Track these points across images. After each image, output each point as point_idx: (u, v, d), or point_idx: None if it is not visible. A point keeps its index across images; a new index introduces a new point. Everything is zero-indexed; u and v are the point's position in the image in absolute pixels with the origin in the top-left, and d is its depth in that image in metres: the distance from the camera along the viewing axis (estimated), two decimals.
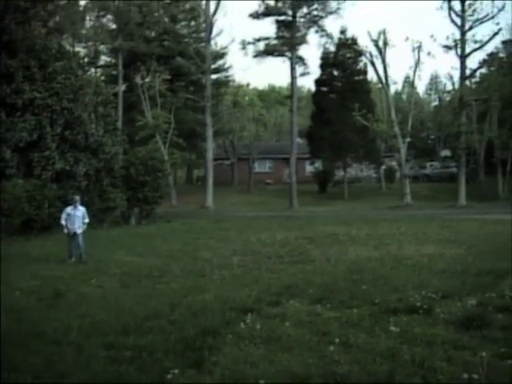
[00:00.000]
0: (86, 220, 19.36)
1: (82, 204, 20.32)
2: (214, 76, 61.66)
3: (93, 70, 59.77)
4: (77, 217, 19.04)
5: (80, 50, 52.49)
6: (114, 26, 55.82)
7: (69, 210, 19.30)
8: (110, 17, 56.13)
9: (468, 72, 47.89)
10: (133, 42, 53.11)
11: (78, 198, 19.94)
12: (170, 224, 31.09)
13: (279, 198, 51.95)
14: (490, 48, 52.41)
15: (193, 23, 64.86)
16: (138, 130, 48.83)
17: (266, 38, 52.05)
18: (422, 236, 21.58)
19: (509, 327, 8.61)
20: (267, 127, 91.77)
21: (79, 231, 18.82)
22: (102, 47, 60.49)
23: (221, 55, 64.46)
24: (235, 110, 69.33)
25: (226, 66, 68.24)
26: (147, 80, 50.62)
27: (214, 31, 51.04)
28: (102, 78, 56.88)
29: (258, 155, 69.70)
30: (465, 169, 47.24)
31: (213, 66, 58.51)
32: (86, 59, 48.26)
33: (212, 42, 53.35)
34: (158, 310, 10.29)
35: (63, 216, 19.17)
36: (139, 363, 7.39)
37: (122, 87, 54.92)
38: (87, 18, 55.58)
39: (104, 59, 64.05)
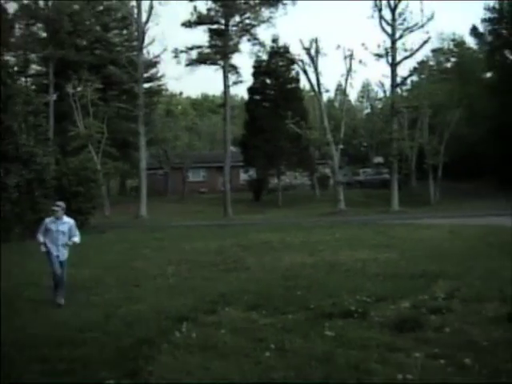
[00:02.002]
0: (76, 238, 13.25)
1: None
2: (146, 85, 61.12)
3: (23, 79, 58.58)
4: (60, 233, 12.97)
5: (9, 58, 51.48)
6: (44, 35, 54.92)
7: (48, 223, 13.01)
8: (40, 25, 55.22)
9: (399, 80, 48.64)
10: (64, 50, 52.37)
11: (61, 205, 13.31)
12: (103, 234, 30.71)
13: (214, 207, 51.85)
14: (420, 56, 53.58)
15: (125, 32, 64.33)
16: (70, 140, 48.09)
17: (199, 47, 51.85)
18: (356, 241, 21.78)
19: (441, 328, 8.77)
20: (201, 136, 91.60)
21: (63, 256, 13.03)
22: (33, 56, 59.45)
23: (153, 64, 63.94)
24: (168, 119, 69.11)
25: (159, 74, 67.83)
26: (79, 89, 49.85)
27: (146, 40, 50.63)
28: (33, 87, 55.85)
29: (191, 164, 69.51)
30: (397, 175, 47.91)
31: (145, 75, 57.98)
32: (15, 68, 47.36)
33: (144, 51, 52.83)
34: (93, 321, 10.17)
35: (40, 231, 13.04)
36: (74, 376, 7.28)
37: (53, 96, 54.08)
38: (16, 26, 54.66)
39: (34, 68, 62.82)
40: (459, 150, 60.86)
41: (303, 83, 62.85)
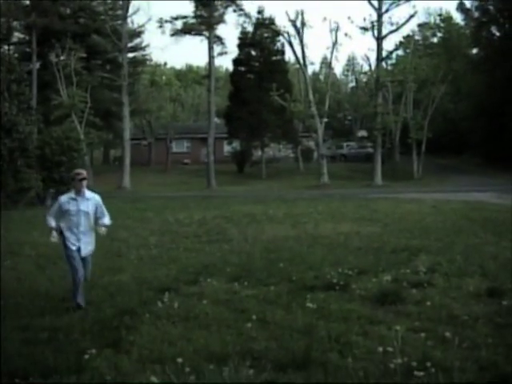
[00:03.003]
0: (107, 219, 9.83)
1: None
2: (130, 55, 60.80)
3: (6, 47, 58.00)
4: (82, 215, 9.46)
5: None
6: (27, 2, 54.26)
7: (64, 202, 9.43)
8: None
9: (384, 54, 48.65)
10: (47, 18, 51.74)
11: (83, 173, 9.60)
12: None
13: (197, 178, 51.81)
14: (406, 30, 53.62)
15: (109, 1, 63.68)
16: (54, 109, 47.65)
17: (184, 17, 51.53)
18: (339, 215, 21.83)
19: (422, 302, 8.82)
20: (185, 107, 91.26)
21: (87, 249, 9.56)
22: (15, 24, 58.74)
23: (138, 33, 63.60)
24: (152, 89, 68.70)
25: (143, 44, 67.41)
26: (62, 58, 49.32)
27: (131, 9, 50.43)
28: (16, 55, 55.22)
29: (175, 135, 69.29)
30: (381, 149, 48.06)
31: (129, 45, 57.68)
32: None
33: (129, 20, 52.68)
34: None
35: (51, 213, 9.53)
36: (55, 345, 7.26)
37: (36, 65, 53.56)
38: None
39: (17, 36, 62.11)
40: (443, 126, 61.12)
41: (288, 55, 62.87)
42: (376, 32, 46.72)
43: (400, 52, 58.55)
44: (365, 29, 47.12)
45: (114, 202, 31.60)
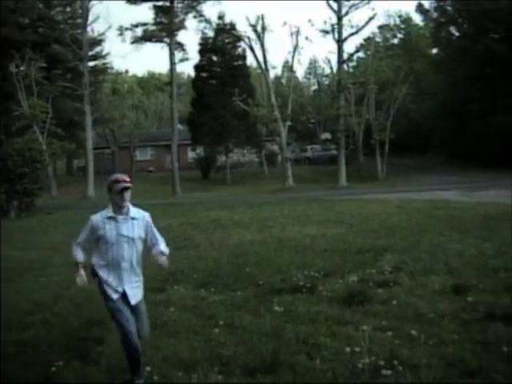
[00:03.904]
0: (164, 247, 6.84)
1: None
2: (91, 63, 60.33)
3: None
4: (127, 243, 6.60)
5: None
6: None
7: (98, 222, 6.65)
8: None
9: (345, 56, 48.85)
10: (6, 28, 51.26)
11: (125, 179, 6.73)
12: (50, 216, 30.36)
13: (162, 186, 51.62)
14: (366, 33, 53.96)
15: (68, 9, 63.10)
16: (15, 120, 47.15)
17: (144, 24, 51.33)
18: (305, 218, 21.88)
19: (389, 301, 8.89)
20: (148, 114, 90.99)
21: (136, 295, 6.69)
22: None
23: (98, 42, 63.15)
24: (114, 97, 68.43)
25: (104, 52, 66.92)
26: (22, 68, 48.83)
27: (91, 17, 50.17)
28: None
29: (139, 143, 68.99)
30: (344, 151, 48.24)
31: (90, 53, 57.23)
32: None
33: (89, 29, 52.20)
34: (41, 303, 10.04)
35: (79, 240, 6.80)
36: (22, 358, 7.21)
37: None
38: None
39: None
40: (406, 126, 61.64)
41: (250, 60, 62.91)
42: (336, 35, 46.95)
43: (361, 54, 58.77)
44: (325, 32, 47.34)
45: (79, 212, 31.41)
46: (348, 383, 5.88)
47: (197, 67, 58.21)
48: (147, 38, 51.65)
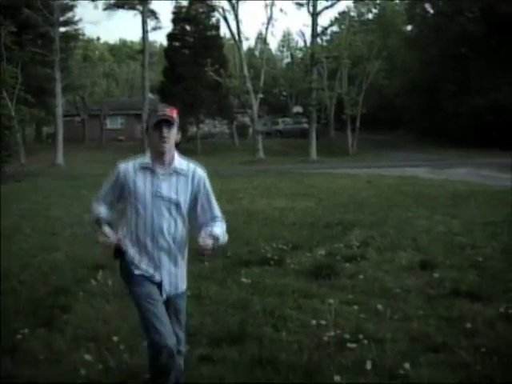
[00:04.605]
0: (218, 229, 4.65)
1: None
2: (62, 29, 59.28)
3: None
4: (167, 207, 4.56)
5: None
6: None
7: (129, 172, 4.66)
8: None
9: (319, 30, 48.75)
10: None
11: (166, 112, 4.50)
12: (19, 183, 30.05)
13: (132, 155, 50.90)
14: (341, 7, 53.82)
15: None
16: None
17: None
18: (274, 190, 21.90)
19: (355, 275, 8.94)
20: (119, 83, 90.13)
21: (179, 284, 4.81)
22: None
23: (70, 7, 62.08)
24: (85, 64, 67.59)
25: (76, 18, 65.75)
26: None
27: None
28: None
29: (109, 112, 68.42)
30: (316, 125, 48.31)
31: (61, 19, 56.27)
32: None
33: None
34: (8, 270, 9.91)
35: (101, 195, 4.92)
36: None
37: None
38: None
39: None
40: (378, 102, 61.75)
41: (223, 31, 62.42)
42: (311, 8, 46.79)
43: (335, 28, 58.57)
44: (300, 4, 47.22)
45: (48, 180, 31.22)
46: (313, 356, 5.88)
47: (169, 36, 57.66)
48: (120, 4, 51.15)
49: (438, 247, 10.84)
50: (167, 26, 57.69)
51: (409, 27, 61.34)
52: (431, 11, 56.70)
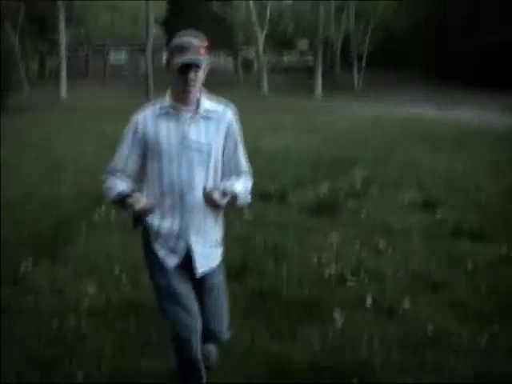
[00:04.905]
0: (240, 185, 3.81)
1: None
2: None
3: None
4: (197, 156, 3.70)
5: None
6: None
7: (147, 120, 3.74)
8: None
9: None
10: None
11: (195, 53, 3.61)
12: (24, 115, 29.93)
13: (136, 90, 51.02)
14: None
15: None
16: None
17: None
18: (278, 127, 21.76)
19: (358, 212, 8.95)
20: (123, 16, 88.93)
21: (213, 259, 3.90)
22: None
23: None
24: None
25: None
26: None
27: None
28: None
29: (113, 46, 67.69)
30: (321, 62, 47.78)
31: None
32: None
33: None
34: (11, 202, 9.92)
35: (114, 164, 3.83)
36: None
37: None
38: None
39: None
40: (385, 39, 60.92)
41: None
42: None
43: None
44: None
45: (52, 113, 31.08)
46: (313, 290, 5.92)
47: None
48: None
49: (442, 187, 10.84)
50: None
51: None
52: None
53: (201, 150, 3.70)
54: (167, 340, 4.08)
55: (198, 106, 3.75)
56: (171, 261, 3.77)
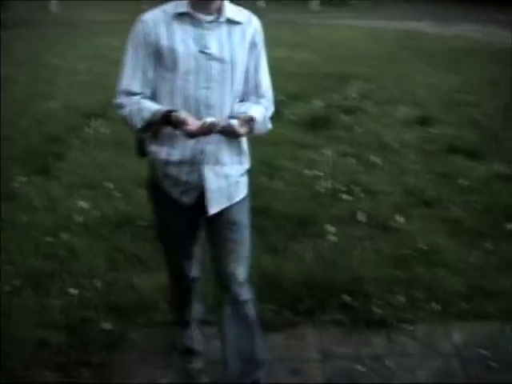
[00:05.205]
0: (260, 108, 3.18)
1: None
2: None
3: None
4: (226, 77, 3.04)
5: None
6: None
7: (163, 27, 2.98)
8: None
9: None
10: None
11: None
12: (11, 32, 29.32)
13: (129, 3, 50.08)
14: None
15: None
16: None
17: None
18: (273, 40, 21.36)
19: (353, 127, 8.90)
20: None
21: (235, 197, 3.22)
22: None
23: None
24: None
25: None
26: None
27: None
28: None
29: None
30: None
31: None
32: None
33: None
34: (2, 118, 9.81)
35: (129, 89, 3.09)
36: None
37: None
38: None
39: None
40: None
41: None
42: None
43: None
44: None
45: (42, 28, 30.42)
46: (307, 205, 5.91)
47: None
48: None
49: (438, 103, 10.74)
50: None
51: None
52: None
53: (223, 61, 3.01)
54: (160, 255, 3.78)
55: (220, 10, 3.01)
56: (184, 198, 3.16)
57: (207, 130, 2.77)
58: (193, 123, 2.77)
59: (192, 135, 2.80)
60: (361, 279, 4.50)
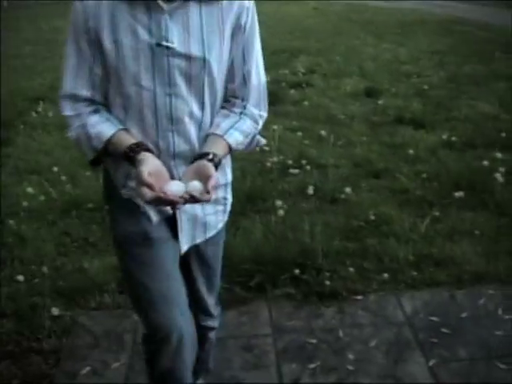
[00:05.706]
0: (258, 110, 2.50)
1: None
2: None
3: None
4: (195, 80, 2.12)
5: None
6: None
7: (107, 14, 2.03)
8: None
9: None
10: None
11: None
12: None
13: None
14: None
15: None
16: None
17: None
18: None
19: (300, 102, 8.91)
20: None
21: (214, 228, 2.47)
22: None
23: None
24: None
25: None
26: None
27: None
28: None
29: None
30: None
31: None
32: None
33: None
34: None
35: (75, 92, 2.19)
36: None
37: None
38: None
39: None
40: None
41: None
42: None
43: None
44: None
45: None
46: (256, 181, 5.88)
47: None
48: None
49: (384, 75, 10.82)
50: None
51: None
52: None
53: (191, 58, 2.11)
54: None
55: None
56: (153, 217, 2.31)
57: (167, 203, 2.02)
58: (150, 189, 1.93)
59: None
60: (311, 252, 4.48)
